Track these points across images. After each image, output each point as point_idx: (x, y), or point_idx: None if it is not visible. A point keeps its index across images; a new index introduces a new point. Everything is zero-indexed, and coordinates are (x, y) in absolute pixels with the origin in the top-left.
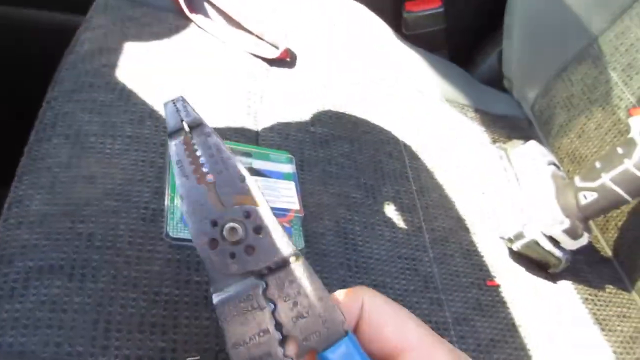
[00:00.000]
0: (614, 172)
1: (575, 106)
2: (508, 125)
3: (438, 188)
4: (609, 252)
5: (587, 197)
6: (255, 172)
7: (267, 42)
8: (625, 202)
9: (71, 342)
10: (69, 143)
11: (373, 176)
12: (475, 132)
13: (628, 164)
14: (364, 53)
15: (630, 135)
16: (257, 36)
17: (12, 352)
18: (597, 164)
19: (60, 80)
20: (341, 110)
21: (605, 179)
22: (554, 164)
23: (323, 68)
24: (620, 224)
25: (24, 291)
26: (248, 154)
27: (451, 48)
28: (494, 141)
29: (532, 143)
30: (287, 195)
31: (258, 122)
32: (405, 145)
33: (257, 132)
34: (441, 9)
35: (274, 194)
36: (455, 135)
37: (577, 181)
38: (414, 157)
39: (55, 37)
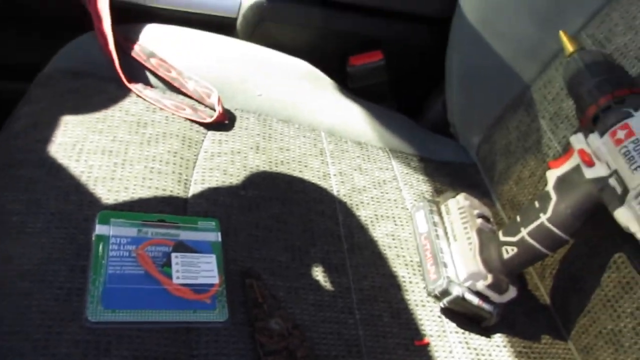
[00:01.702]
0: (531, 227)
1: (512, 153)
2: (453, 172)
3: (371, 245)
4: (547, 300)
5: (509, 252)
6: (182, 246)
7: (207, 106)
8: (544, 255)
9: None
10: None
11: (302, 237)
12: (416, 183)
13: (543, 218)
14: (304, 109)
15: (546, 189)
16: (197, 100)
17: None
18: (518, 218)
19: None
20: (276, 171)
21: (524, 233)
22: (483, 217)
23: (260, 128)
24: (554, 271)
25: None
26: (176, 226)
27: (397, 98)
28: (437, 190)
29: (462, 196)
30: (208, 270)
31: (188, 190)
32: (340, 202)
33: (185, 200)
34: (382, 62)
35: (195, 269)
36: (395, 188)
37: (500, 235)
38: (348, 214)
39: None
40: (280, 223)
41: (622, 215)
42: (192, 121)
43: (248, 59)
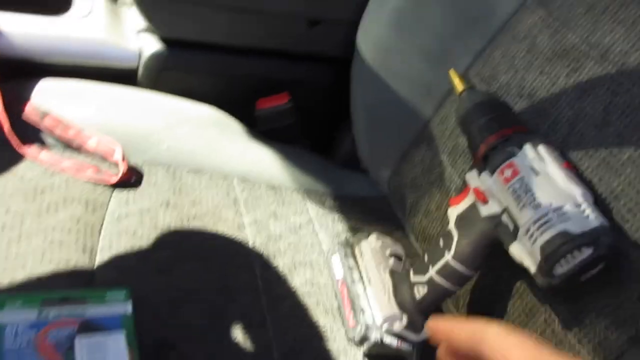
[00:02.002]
0: (438, 265)
1: (419, 187)
2: (368, 207)
3: (291, 295)
4: None
5: (420, 291)
6: (88, 326)
7: (112, 163)
8: (453, 292)
9: None
10: None
11: (219, 296)
12: (332, 224)
13: (448, 257)
14: (215, 157)
15: (448, 227)
16: (101, 157)
17: None
18: (426, 257)
19: None
20: (188, 227)
21: (432, 272)
22: (396, 256)
23: (169, 182)
24: (467, 301)
25: None
26: (82, 301)
27: (308, 137)
28: (352, 228)
29: (374, 237)
30: (117, 349)
31: (94, 259)
32: (256, 253)
33: (92, 271)
34: (290, 104)
35: (103, 351)
36: (311, 232)
37: (411, 275)
38: (265, 265)
39: None
40: (195, 283)
41: (516, 251)
42: (96, 182)
43: (152, 110)
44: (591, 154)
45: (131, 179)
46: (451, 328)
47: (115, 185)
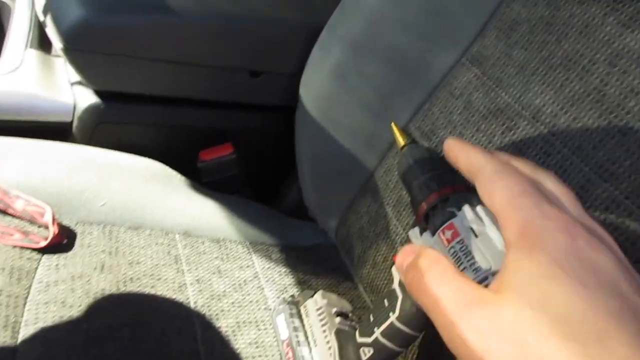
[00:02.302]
0: (383, 327)
1: (366, 237)
2: (316, 257)
3: (234, 359)
4: None
5: (366, 353)
6: None
7: (42, 225)
8: (399, 353)
9: None
10: None
11: None
12: (278, 278)
13: (392, 318)
14: (155, 212)
15: (392, 287)
16: (29, 221)
17: None
18: (371, 317)
19: None
20: (124, 291)
21: (377, 333)
22: (342, 314)
23: (105, 242)
24: (415, 356)
25: None
26: None
27: (254, 186)
28: (299, 282)
29: (319, 295)
30: None
31: (17, 334)
32: (198, 315)
33: (14, 349)
34: (233, 155)
35: None
36: (256, 287)
37: (357, 336)
38: (207, 327)
39: None
40: (131, 354)
41: None
42: (22, 247)
43: (87, 165)
44: None
45: (62, 241)
46: (458, 154)
47: (45, 250)
